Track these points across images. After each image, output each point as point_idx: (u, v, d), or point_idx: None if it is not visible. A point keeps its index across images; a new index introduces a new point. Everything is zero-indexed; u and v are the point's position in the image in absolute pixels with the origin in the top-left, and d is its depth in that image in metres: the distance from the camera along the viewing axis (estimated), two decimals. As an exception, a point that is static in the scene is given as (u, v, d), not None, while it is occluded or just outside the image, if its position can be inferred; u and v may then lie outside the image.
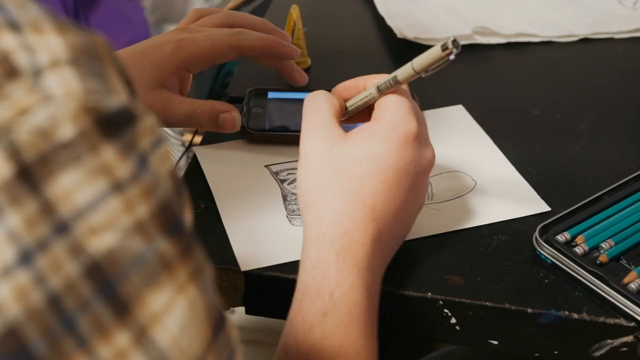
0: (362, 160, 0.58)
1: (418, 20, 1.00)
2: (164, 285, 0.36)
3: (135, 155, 0.36)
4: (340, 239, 0.56)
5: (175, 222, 0.37)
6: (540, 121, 0.84)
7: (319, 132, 0.60)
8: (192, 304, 0.37)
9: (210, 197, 0.72)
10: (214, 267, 0.63)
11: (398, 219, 0.59)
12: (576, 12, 1.04)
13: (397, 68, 0.96)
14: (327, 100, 0.62)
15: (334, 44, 0.99)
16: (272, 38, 0.79)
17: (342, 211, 0.56)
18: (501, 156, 0.77)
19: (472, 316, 0.62)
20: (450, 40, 0.57)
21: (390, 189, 0.58)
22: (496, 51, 0.98)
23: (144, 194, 0.35)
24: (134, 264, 0.35)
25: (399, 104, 0.60)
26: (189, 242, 0.38)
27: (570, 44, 0.99)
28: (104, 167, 0.34)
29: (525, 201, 0.71)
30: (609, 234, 0.66)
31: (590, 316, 0.61)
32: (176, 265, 0.36)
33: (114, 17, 1.76)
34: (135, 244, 0.35)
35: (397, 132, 0.58)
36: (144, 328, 0.35)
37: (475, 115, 0.84)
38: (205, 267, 0.39)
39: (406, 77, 0.60)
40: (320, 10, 1.07)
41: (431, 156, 0.61)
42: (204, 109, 0.75)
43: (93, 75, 0.35)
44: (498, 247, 0.67)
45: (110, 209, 0.34)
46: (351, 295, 0.54)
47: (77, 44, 0.36)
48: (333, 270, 0.55)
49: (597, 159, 0.78)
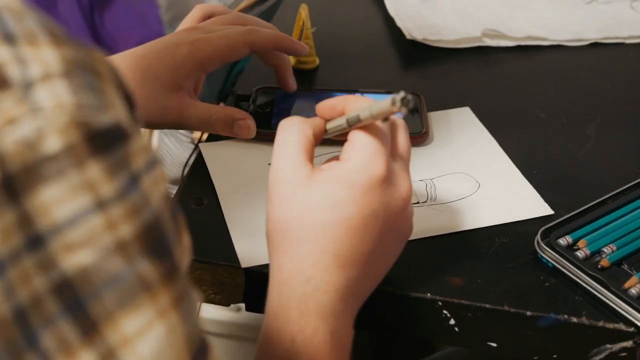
0: (325, 207, 0.54)
1: (427, 21, 1.00)
2: (142, 308, 0.35)
3: (125, 174, 0.35)
4: (302, 286, 0.54)
5: (161, 245, 0.36)
6: (547, 124, 0.84)
7: (284, 173, 0.56)
8: (172, 330, 0.36)
9: (214, 194, 0.72)
10: (214, 263, 0.65)
11: (372, 261, 0.56)
12: (587, 16, 1.04)
13: (405, 69, 0.97)
14: (298, 133, 0.57)
15: (343, 44, 0.99)
16: (283, 35, 0.80)
17: (303, 259, 0.54)
18: (506, 159, 0.77)
19: (471, 318, 0.62)
20: (399, 97, 0.51)
21: (357, 236, 0.54)
22: (505, 54, 0.97)
23: (129, 213, 0.35)
24: (109, 284, 0.34)
25: (366, 143, 0.55)
26: (175, 267, 0.37)
27: (580, 48, 0.99)
28: (88, 183, 0.34)
29: (528, 204, 0.71)
30: (611, 238, 0.65)
31: (589, 320, 0.60)
32: (158, 288, 0.35)
33: (129, 15, 1.77)
34: (113, 264, 0.34)
35: (361, 177, 0.54)
36: (112, 350, 0.34)
37: (482, 117, 0.84)
38: (191, 294, 0.38)
39: (367, 118, 0.55)
40: (331, 11, 1.07)
41: (405, 193, 0.57)
42: (220, 115, 0.76)
43: (87, 90, 0.35)
44: (499, 249, 0.67)
45: (90, 226, 0.34)
46: (314, 340, 0.53)
47: (72, 57, 0.35)
48: (295, 317, 0.53)
49: (603, 163, 0.78)
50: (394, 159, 0.58)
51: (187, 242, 0.42)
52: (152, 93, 0.75)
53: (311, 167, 0.57)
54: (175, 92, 0.75)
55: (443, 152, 0.78)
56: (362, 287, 0.57)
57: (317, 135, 0.59)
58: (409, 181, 0.58)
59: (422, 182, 0.74)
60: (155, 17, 1.82)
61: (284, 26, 0.96)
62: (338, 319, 0.55)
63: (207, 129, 0.76)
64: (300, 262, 0.55)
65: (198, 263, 0.65)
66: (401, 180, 0.57)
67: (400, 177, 0.58)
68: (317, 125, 0.60)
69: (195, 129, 0.77)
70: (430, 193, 0.72)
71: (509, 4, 1.06)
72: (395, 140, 0.59)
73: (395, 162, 0.58)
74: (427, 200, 0.71)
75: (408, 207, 0.58)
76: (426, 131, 0.79)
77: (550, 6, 1.06)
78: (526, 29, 1.00)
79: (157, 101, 0.75)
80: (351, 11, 1.08)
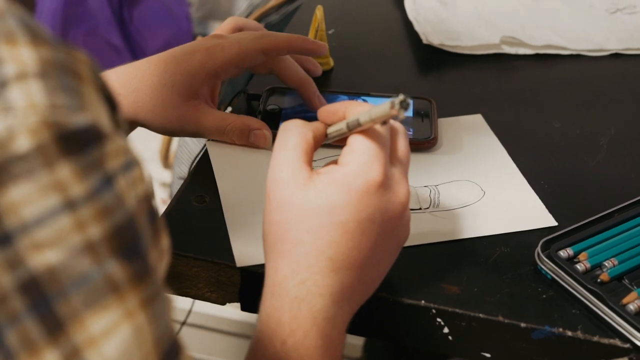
0: (321, 211, 0.54)
1: (446, 26, 1.00)
2: (109, 308, 0.35)
3: (98, 175, 0.35)
4: (296, 288, 0.54)
5: (133, 246, 0.36)
6: (560, 134, 0.82)
7: (282, 174, 0.56)
8: (139, 331, 0.36)
9: (217, 192, 0.72)
10: (211, 261, 0.65)
11: (367, 266, 0.56)
12: (610, 26, 1.02)
13: (420, 73, 0.96)
14: (298, 135, 0.57)
15: (360, 46, 0.98)
16: (297, 36, 0.79)
17: (299, 262, 0.54)
18: (514, 168, 0.76)
19: (465, 327, 0.61)
20: (398, 100, 0.51)
21: (353, 240, 0.55)
22: (523, 62, 0.96)
23: (99, 214, 0.35)
24: (77, 284, 0.34)
25: (365, 147, 0.55)
26: (146, 268, 0.37)
27: (600, 59, 0.97)
28: (58, 183, 0.34)
29: (532, 214, 0.70)
30: (613, 252, 0.64)
31: (584, 335, 0.59)
32: (126, 290, 0.36)
33: (158, 11, 1.78)
34: (82, 264, 0.34)
35: (358, 181, 0.54)
36: (77, 349, 0.34)
37: (494, 124, 0.83)
38: (163, 296, 0.38)
39: (366, 122, 0.55)
40: (350, 13, 1.07)
41: (403, 199, 0.57)
42: (236, 124, 0.76)
43: (63, 90, 0.35)
44: (499, 258, 0.66)
45: (59, 226, 0.34)
46: (305, 344, 0.53)
47: (50, 58, 0.35)
48: (286, 319, 0.53)
49: (613, 176, 0.76)
50: (393, 164, 0.58)
51: (165, 244, 0.42)
52: (169, 100, 0.75)
53: (309, 170, 0.57)
54: (191, 99, 0.75)
55: (450, 159, 0.77)
56: (356, 292, 0.57)
57: (317, 139, 0.59)
58: (407, 186, 0.58)
59: (427, 188, 0.73)
60: (184, 15, 1.83)
61: (300, 29, 0.96)
62: (330, 323, 0.55)
63: (223, 137, 0.76)
64: (295, 264, 0.55)
65: (194, 260, 0.65)
66: (399, 186, 0.57)
67: (398, 182, 0.57)
68: (318, 129, 0.60)
69: (211, 137, 0.77)
70: (434, 199, 0.71)
71: (533, 11, 1.05)
72: (395, 145, 0.59)
73: (394, 167, 0.58)
74: (429, 207, 0.71)
75: (405, 212, 0.58)
76: (435, 137, 0.78)
77: (573, 15, 1.05)
78: (546, 37, 0.98)
79: (174, 108, 0.75)
80: (370, 13, 1.07)
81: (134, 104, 0.74)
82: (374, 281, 0.59)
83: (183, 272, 0.66)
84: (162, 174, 1.69)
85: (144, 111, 0.75)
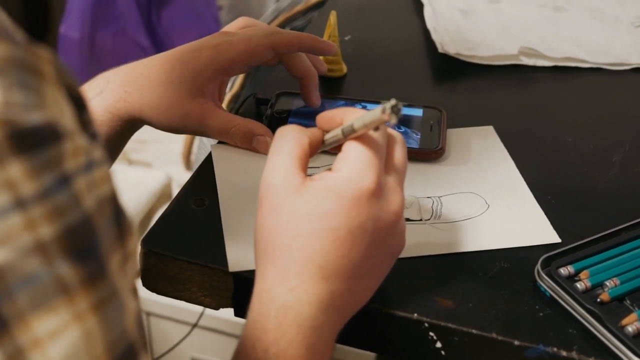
0: (312, 217, 0.54)
1: (465, 36, 0.98)
2: (57, 310, 0.34)
3: (53, 174, 0.34)
4: (284, 295, 0.53)
5: (87, 248, 0.36)
6: (572, 149, 0.81)
7: (275, 180, 0.56)
8: (88, 335, 0.35)
9: (217, 196, 0.71)
10: (204, 265, 0.64)
11: (358, 276, 0.55)
12: (634, 40, 1.00)
13: (434, 82, 0.95)
14: (294, 140, 0.57)
15: (375, 53, 0.97)
16: (307, 35, 0.79)
17: (288, 268, 0.54)
18: (521, 181, 0.74)
19: (458, 342, 0.60)
20: (389, 105, 0.51)
21: (343, 248, 0.54)
22: (541, 73, 0.95)
23: (50, 214, 0.34)
24: (24, 284, 0.33)
25: (358, 154, 0.55)
26: (100, 270, 0.36)
27: (620, 73, 0.95)
28: (8, 182, 0.33)
29: (535, 230, 0.68)
30: (616, 272, 0.63)
31: (580, 355, 0.58)
32: (77, 292, 0.35)
33: (186, 13, 1.79)
34: (30, 264, 0.33)
35: (350, 188, 0.54)
36: (21, 350, 0.33)
37: (506, 136, 0.81)
38: (118, 299, 0.37)
39: (360, 127, 0.55)
40: (369, 20, 1.06)
41: (397, 208, 0.56)
42: (240, 127, 0.75)
43: (19, 88, 0.34)
44: (498, 274, 0.64)
45: (8, 225, 0.33)
46: (288, 352, 0.52)
47: (8, 55, 0.35)
48: (272, 326, 0.52)
49: (623, 194, 0.74)
50: (388, 172, 0.57)
51: (132, 247, 0.41)
52: (175, 97, 0.74)
53: (303, 176, 0.56)
54: (198, 97, 0.75)
55: (457, 170, 0.76)
56: (346, 302, 0.56)
57: (313, 146, 0.59)
58: (402, 195, 0.57)
59: (430, 199, 0.72)
60: (212, 17, 1.84)
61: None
62: (317, 332, 0.54)
63: (227, 139, 0.76)
64: (284, 271, 0.54)
65: (187, 264, 0.65)
66: (393, 195, 0.56)
67: (392, 190, 0.56)
68: (315, 135, 0.59)
69: (215, 137, 0.77)
70: (436, 210, 0.70)
71: (555, 23, 1.03)
72: (392, 153, 0.58)
73: (389, 175, 0.57)
74: (430, 218, 0.69)
75: (399, 222, 0.57)
76: (442, 147, 0.77)
77: (596, 28, 1.03)
78: (566, 49, 0.97)
79: (180, 106, 0.74)
80: (390, 21, 1.06)
81: (139, 101, 0.74)
82: (365, 291, 0.58)
83: (176, 275, 0.65)
84: (184, 175, 1.69)
85: (149, 108, 0.74)
